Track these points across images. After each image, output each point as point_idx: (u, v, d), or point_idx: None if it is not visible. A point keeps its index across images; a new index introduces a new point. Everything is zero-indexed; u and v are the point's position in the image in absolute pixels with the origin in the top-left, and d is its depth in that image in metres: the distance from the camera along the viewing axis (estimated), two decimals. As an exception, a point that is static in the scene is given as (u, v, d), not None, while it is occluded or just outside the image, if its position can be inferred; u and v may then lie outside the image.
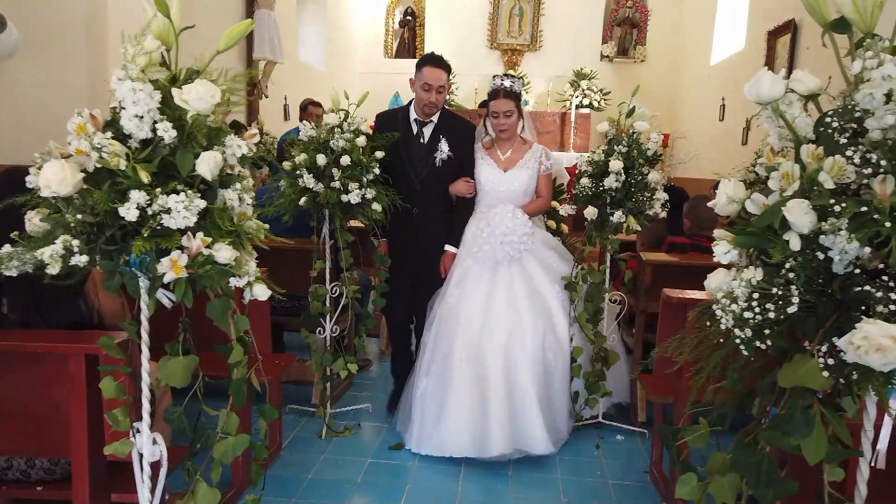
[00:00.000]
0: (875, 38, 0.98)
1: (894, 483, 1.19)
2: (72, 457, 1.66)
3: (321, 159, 3.08)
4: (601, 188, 3.23)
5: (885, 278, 0.89)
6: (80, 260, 1.27)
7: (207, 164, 1.32)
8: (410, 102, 3.27)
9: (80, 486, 1.66)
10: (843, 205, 0.92)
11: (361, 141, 3.03)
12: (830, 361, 0.93)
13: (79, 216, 1.28)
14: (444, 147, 3.17)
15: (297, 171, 3.12)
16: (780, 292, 0.96)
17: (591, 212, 3.28)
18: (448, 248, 3.23)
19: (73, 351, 1.61)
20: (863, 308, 0.89)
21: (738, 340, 1.00)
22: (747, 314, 0.97)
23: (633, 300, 3.58)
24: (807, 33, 5.11)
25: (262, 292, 1.51)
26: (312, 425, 3.34)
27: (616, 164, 3.15)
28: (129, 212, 1.25)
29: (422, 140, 3.19)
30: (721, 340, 1.08)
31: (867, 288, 0.89)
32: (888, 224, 0.88)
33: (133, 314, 1.53)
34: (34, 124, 3.69)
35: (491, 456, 2.85)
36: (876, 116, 0.93)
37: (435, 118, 3.19)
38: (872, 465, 1.08)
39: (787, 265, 0.96)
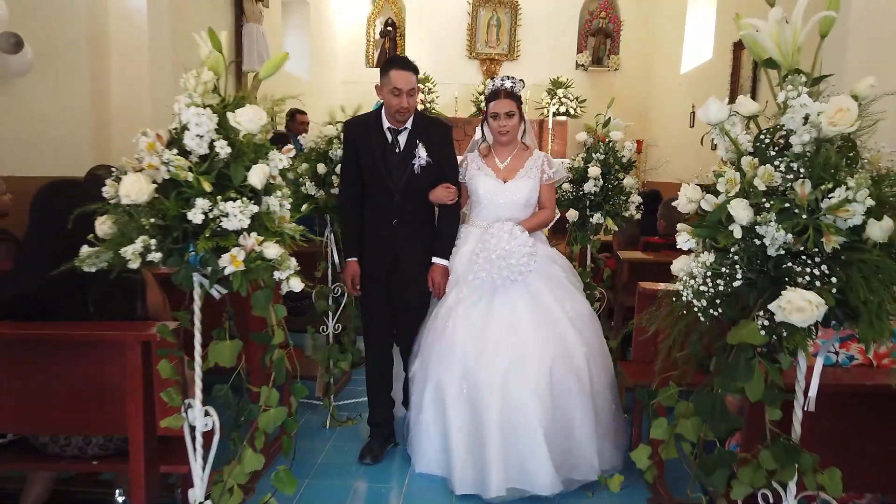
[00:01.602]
0: (797, 73, 1.27)
1: (821, 423, 1.48)
2: (129, 433, 1.89)
3: (321, 168, 3.34)
4: (581, 192, 3.54)
5: (804, 258, 1.18)
6: (156, 257, 1.52)
7: (258, 175, 1.57)
8: (381, 108, 2.98)
9: (136, 459, 1.90)
10: (773, 202, 1.20)
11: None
12: (766, 323, 1.22)
13: (152, 220, 1.52)
14: (421, 153, 2.90)
15: (301, 180, 3.38)
16: (727, 271, 1.25)
17: (572, 214, 3.59)
18: (437, 260, 2.96)
19: (131, 339, 1.85)
20: (787, 280, 1.18)
21: (696, 310, 1.28)
22: (703, 288, 1.26)
23: (611, 295, 3.89)
24: (768, 46, 5.46)
25: (297, 285, 1.75)
26: (317, 416, 3.58)
27: (594, 171, 3.46)
28: (195, 216, 1.50)
29: (398, 150, 2.92)
30: (685, 312, 1.36)
31: (791, 265, 1.18)
32: (805, 217, 1.17)
33: (185, 306, 1.79)
34: (42, 137, 3.91)
35: (490, 497, 2.63)
36: (797, 135, 1.22)
37: (409, 124, 2.92)
38: (805, 408, 1.37)
39: (733, 250, 1.25)
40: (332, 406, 3.56)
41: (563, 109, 9.49)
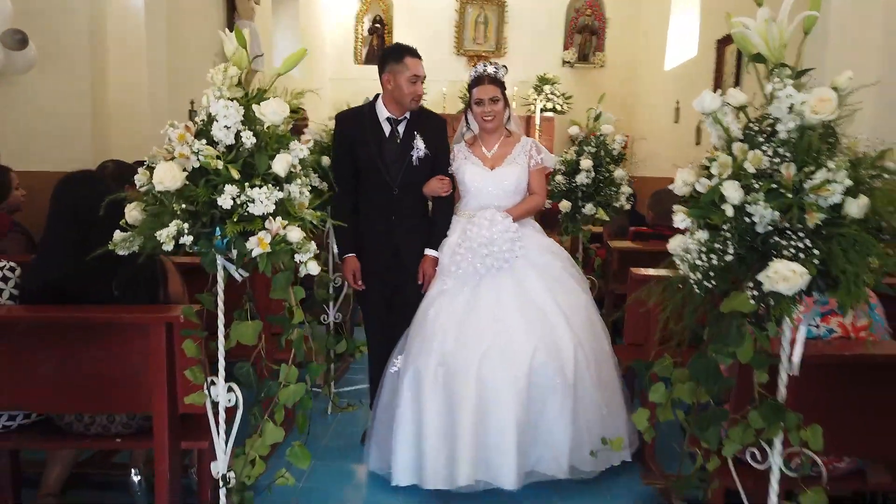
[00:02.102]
0: (782, 67, 1.40)
1: (804, 391, 1.61)
2: (153, 410, 1.99)
3: (325, 160, 3.44)
4: (573, 184, 3.68)
5: (790, 233, 1.31)
6: (187, 240, 1.62)
7: (282, 164, 1.68)
8: (375, 100, 2.96)
9: (160, 435, 2.00)
10: (761, 184, 1.33)
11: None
12: (755, 293, 1.35)
13: (183, 205, 1.62)
14: (419, 144, 2.88)
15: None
16: (720, 246, 1.37)
17: (565, 205, 3.73)
18: (428, 252, 2.91)
19: (155, 321, 1.95)
20: (774, 253, 1.31)
21: (692, 282, 1.41)
22: (698, 262, 1.38)
23: (602, 283, 4.02)
24: (750, 43, 5.64)
25: (314, 268, 1.86)
26: (318, 403, 3.67)
27: (586, 163, 3.59)
28: (225, 201, 1.60)
29: (397, 140, 2.90)
30: (680, 286, 1.49)
31: (778, 240, 1.31)
32: (790, 196, 1.30)
33: (207, 289, 1.89)
34: (45, 132, 3.98)
35: (458, 486, 2.54)
36: (783, 122, 1.35)
37: (408, 114, 2.91)
38: (790, 373, 1.50)
39: (725, 227, 1.37)
40: (332, 393, 3.66)
41: (549, 106, 9.62)
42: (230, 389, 1.87)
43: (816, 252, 1.28)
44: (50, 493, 2.34)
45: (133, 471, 2.55)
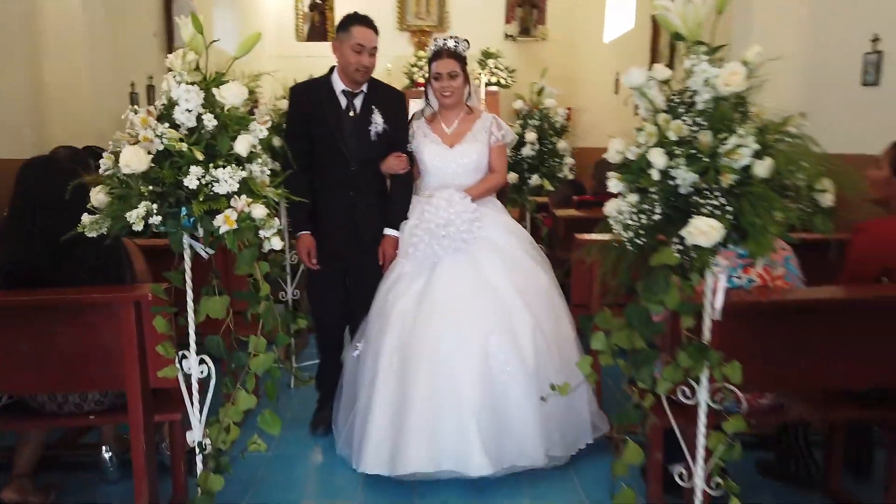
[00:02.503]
0: (699, 45, 1.56)
1: (730, 335, 1.81)
2: (126, 387, 2.07)
3: (277, 141, 3.50)
4: (519, 156, 3.84)
5: (707, 193, 1.48)
6: (156, 220, 1.70)
7: (243, 145, 1.77)
8: (331, 72, 2.88)
9: (134, 409, 2.08)
10: (682, 150, 1.50)
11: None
12: (680, 247, 1.53)
13: (150, 187, 1.70)
14: (377, 119, 2.81)
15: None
16: (648, 207, 1.54)
17: (512, 177, 3.89)
18: (388, 231, 2.87)
19: (124, 300, 2.03)
20: (694, 211, 1.48)
21: (625, 240, 1.58)
22: (630, 222, 1.55)
23: (549, 251, 4.22)
24: (683, 15, 5.89)
25: (277, 243, 1.96)
26: (280, 378, 3.78)
27: (531, 136, 3.75)
28: (191, 181, 1.69)
29: (352, 113, 2.82)
30: (616, 245, 1.66)
31: (697, 199, 1.49)
32: (707, 160, 1.48)
33: (174, 267, 1.97)
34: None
35: (404, 474, 2.51)
36: (699, 94, 1.52)
37: (364, 87, 2.83)
38: (713, 318, 1.69)
39: (652, 190, 1.54)
40: (294, 367, 3.78)
41: (494, 80, 9.75)
42: (202, 361, 1.97)
43: (730, 209, 1.46)
44: (22, 473, 2.40)
45: (104, 448, 2.64)
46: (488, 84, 9.69)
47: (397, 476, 2.54)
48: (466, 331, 2.57)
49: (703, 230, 1.43)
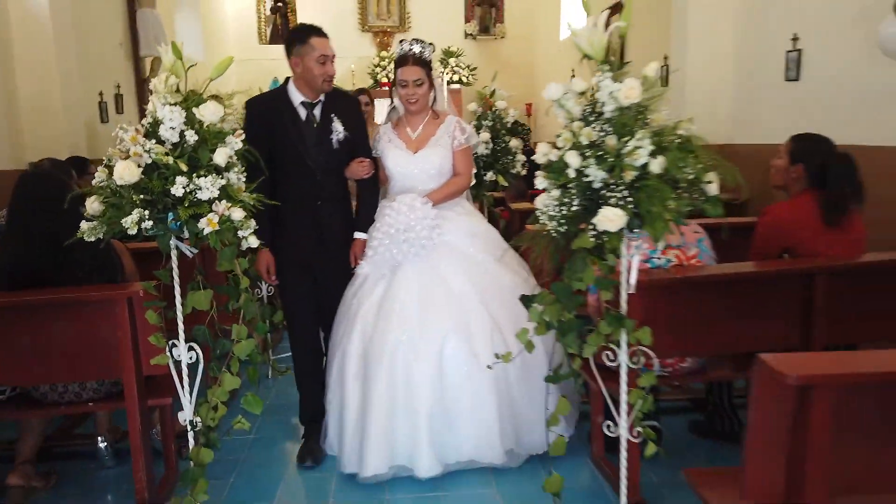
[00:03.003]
0: (604, 63, 1.87)
1: (653, 307, 2.13)
2: (122, 375, 2.33)
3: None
4: (474, 155, 4.13)
5: (614, 187, 1.79)
6: (148, 224, 1.96)
7: (222, 156, 2.03)
8: (285, 84, 2.87)
9: (130, 395, 2.34)
10: (593, 152, 1.81)
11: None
12: (595, 233, 1.84)
13: (141, 196, 1.96)
14: (338, 127, 2.83)
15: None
16: (568, 200, 1.85)
17: (468, 174, 4.18)
18: (358, 235, 2.90)
19: (119, 297, 2.28)
20: (602, 203, 1.79)
21: (550, 229, 1.88)
22: (553, 213, 1.86)
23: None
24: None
25: (254, 241, 2.22)
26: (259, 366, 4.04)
27: (484, 135, 4.05)
28: (177, 190, 1.95)
29: (314, 124, 2.82)
30: (545, 233, 1.96)
31: (606, 192, 1.80)
32: (613, 160, 1.79)
33: (162, 266, 2.23)
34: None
35: (366, 476, 2.62)
36: (606, 105, 1.83)
37: (322, 96, 2.83)
38: (629, 291, 2.01)
39: (570, 185, 1.85)
40: (272, 359, 4.04)
41: (455, 78, 10.04)
42: (191, 349, 2.23)
43: (631, 200, 1.77)
44: (26, 460, 2.64)
45: (99, 438, 2.88)
46: (450, 83, 9.97)
47: (363, 479, 2.64)
48: (423, 335, 2.63)
49: (609, 218, 1.74)
